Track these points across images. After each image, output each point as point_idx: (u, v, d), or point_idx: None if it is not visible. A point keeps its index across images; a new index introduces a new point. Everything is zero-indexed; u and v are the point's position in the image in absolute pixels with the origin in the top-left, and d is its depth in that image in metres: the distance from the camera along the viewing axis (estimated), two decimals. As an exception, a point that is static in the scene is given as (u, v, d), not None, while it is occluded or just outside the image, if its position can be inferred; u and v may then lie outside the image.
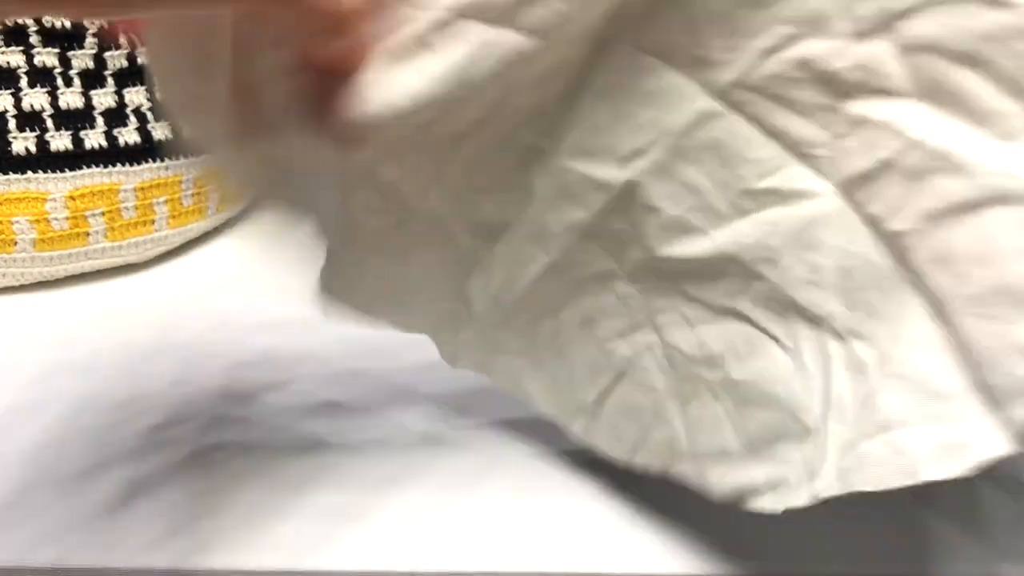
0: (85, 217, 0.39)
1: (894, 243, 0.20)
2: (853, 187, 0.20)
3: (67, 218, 0.38)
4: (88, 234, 0.39)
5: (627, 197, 0.23)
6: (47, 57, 0.37)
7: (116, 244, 0.41)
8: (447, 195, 0.25)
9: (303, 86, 0.20)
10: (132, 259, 0.42)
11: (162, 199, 0.41)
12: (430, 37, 0.20)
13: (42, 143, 0.37)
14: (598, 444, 0.27)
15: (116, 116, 0.39)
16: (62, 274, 0.40)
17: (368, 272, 0.27)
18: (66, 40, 0.37)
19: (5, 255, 0.38)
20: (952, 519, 0.27)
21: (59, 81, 0.37)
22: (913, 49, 0.19)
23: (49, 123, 0.37)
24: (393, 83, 0.20)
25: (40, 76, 0.37)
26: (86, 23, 0.37)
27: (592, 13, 0.21)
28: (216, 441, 0.33)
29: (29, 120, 0.37)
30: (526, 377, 0.28)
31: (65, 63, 0.37)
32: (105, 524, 0.28)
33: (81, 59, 0.37)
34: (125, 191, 0.40)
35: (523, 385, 0.28)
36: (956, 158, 0.18)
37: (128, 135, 0.39)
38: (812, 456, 0.21)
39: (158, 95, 0.40)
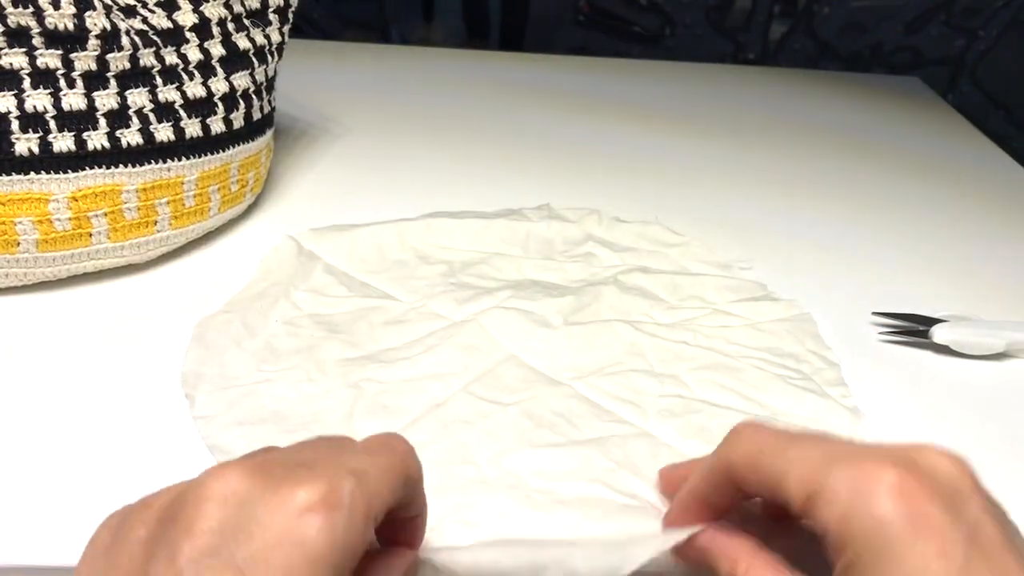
0: (88, 218, 0.39)
1: None
2: None
3: (70, 219, 0.38)
4: (90, 235, 0.39)
5: None
6: (49, 59, 0.37)
7: (118, 245, 0.41)
8: None
9: None
10: (134, 260, 0.42)
11: (164, 200, 0.42)
12: None
13: (45, 144, 0.37)
14: None
15: (118, 117, 0.39)
16: (64, 274, 0.40)
17: None
18: (68, 42, 0.37)
19: (8, 256, 0.38)
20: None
21: (62, 82, 0.37)
22: None
23: (52, 124, 0.37)
24: None
25: (43, 77, 0.37)
26: (88, 24, 0.37)
27: None
28: (218, 441, 0.33)
29: (32, 121, 0.37)
30: None
31: (68, 64, 0.37)
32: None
33: (83, 60, 0.37)
34: (127, 192, 0.40)
35: None
36: None
37: (130, 136, 0.39)
38: None
39: (159, 96, 0.40)
